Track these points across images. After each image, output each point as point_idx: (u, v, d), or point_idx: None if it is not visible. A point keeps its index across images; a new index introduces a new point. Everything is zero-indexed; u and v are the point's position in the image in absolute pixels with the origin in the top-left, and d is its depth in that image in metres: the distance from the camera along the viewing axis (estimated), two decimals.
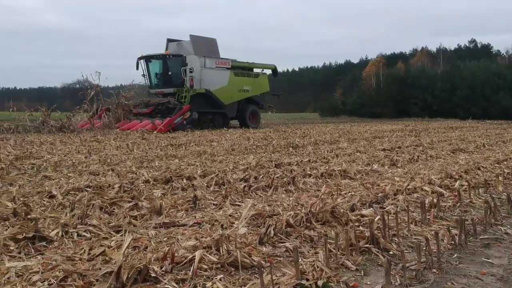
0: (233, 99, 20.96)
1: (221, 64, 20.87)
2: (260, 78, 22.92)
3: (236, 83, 21.16)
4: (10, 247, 2.95)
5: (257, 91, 22.61)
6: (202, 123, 19.09)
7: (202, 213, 4.00)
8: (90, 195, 4.39)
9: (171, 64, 19.41)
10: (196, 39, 20.26)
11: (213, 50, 20.93)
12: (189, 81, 18.73)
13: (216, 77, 20.15)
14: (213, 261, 2.65)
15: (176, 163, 7.02)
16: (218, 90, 20.02)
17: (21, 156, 7.89)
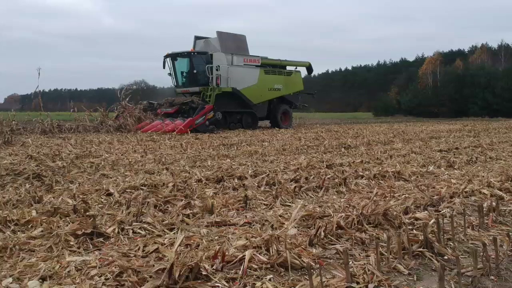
0: (263, 98, 20.10)
1: (250, 61, 19.92)
2: (293, 76, 21.84)
3: (266, 81, 20.23)
4: (71, 242, 3.10)
5: (290, 89, 21.51)
6: (229, 123, 18.42)
7: (253, 213, 4.03)
8: (145, 193, 4.53)
9: (196, 62, 18.64)
10: (223, 35, 19.39)
11: (242, 47, 19.96)
12: (215, 80, 18.05)
13: (245, 75, 19.29)
14: (263, 261, 2.67)
15: (228, 162, 7.11)
16: (247, 89, 19.20)
17: (81, 155, 8.24)
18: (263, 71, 20.22)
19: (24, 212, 3.78)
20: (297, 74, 22.26)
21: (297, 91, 22.15)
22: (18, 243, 3.04)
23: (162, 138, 13.20)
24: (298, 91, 22.25)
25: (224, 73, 18.41)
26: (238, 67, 19.16)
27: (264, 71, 20.28)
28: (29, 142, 11.13)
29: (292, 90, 21.70)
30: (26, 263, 2.71)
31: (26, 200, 4.32)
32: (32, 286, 2.35)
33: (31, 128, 15.68)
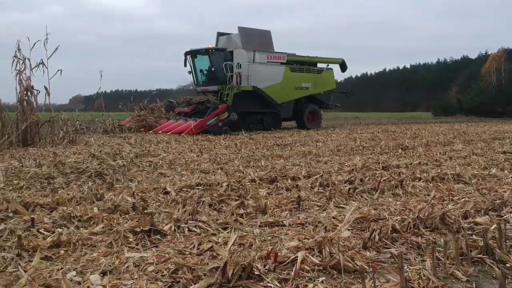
0: (288, 98, 18.85)
1: (274, 58, 18.61)
2: (323, 74, 20.33)
3: (292, 79, 18.90)
4: (129, 239, 3.22)
5: (320, 88, 20.07)
6: (248, 124, 17.48)
7: (306, 214, 4.02)
8: (201, 193, 4.64)
9: (215, 60, 17.64)
10: (246, 31, 18.29)
11: (266, 43, 18.75)
12: (236, 78, 17.07)
13: (267, 73, 18.06)
14: (315, 262, 2.66)
15: (282, 163, 7.13)
16: (270, 88, 18.02)
17: (140, 154, 8.53)
18: (288, 68, 18.96)
19: (87, 209, 3.97)
20: (328, 72, 20.79)
21: (328, 90, 20.75)
22: (81, 238, 3.20)
23: (217, 138, 13.41)
24: (329, 90, 20.83)
25: (245, 71, 17.35)
26: (260, 64, 18.01)
27: (290, 68, 19.03)
28: (91, 142, 11.65)
29: (323, 89, 20.35)
30: (88, 257, 2.84)
31: (89, 197, 4.54)
32: (93, 280, 2.47)
33: (94, 127, 16.37)
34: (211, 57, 17.68)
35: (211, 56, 17.69)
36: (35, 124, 11.57)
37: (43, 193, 4.76)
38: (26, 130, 11.28)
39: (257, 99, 17.81)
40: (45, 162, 7.13)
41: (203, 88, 18.33)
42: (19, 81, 11.83)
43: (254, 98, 17.66)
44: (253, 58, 17.91)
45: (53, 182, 5.46)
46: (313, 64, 20.38)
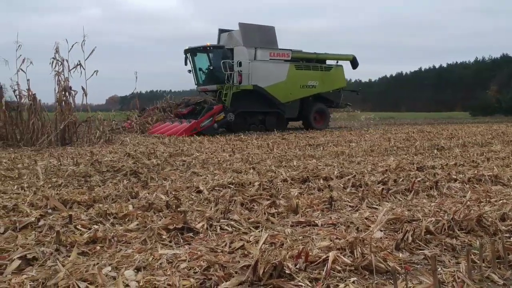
0: (293, 97, 17.92)
1: (278, 55, 17.73)
2: (332, 72, 19.24)
3: (297, 77, 17.97)
4: (163, 236, 3.28)
5: (328, 86, 19.02)
6: (249, 124, 16.72)
7: (338, 214, 4.00)
8: (233, 192, 4.68)
9: (213, 58, 17.02)
10: (247, 27, 17.45)
11: (269, 40, 17.79)
12: (236, 77, 16.39)
13: (270, 71, 17.21)
14: (346, 263, 2.65)
15: (314, 163, 7.10)
16: (273, 86, 17.16)
17: (174, 153, 8.66)
18: (293, 66, 18.02)
19: (122, 207, 4.06)
20: (338, 69, 19.63)
21: (337, 88, 19.64)
22: (117, 235, 3.28)
23: (250, 137, 13.46)
24: (339, 88, 19.74)
25: (246, 69, 16.62)
26: (262, 62, 17.16)
27: (295, 66, 18.09)
28: (127, 141, 11.90)
29: (332, 87, 19.27)
30: (123, 254, 2.92)
31: (124, 195, 4.64)
32: (128, 276, 2.53)
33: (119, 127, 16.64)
34: (210, 55, 17.12)
35: (209, 54, 17.11)
36: (73, 124, 11.91)
37: (80, 191, 4.90)
38: (64, 129, 11.62)
39: (259, 99, 17.06)
40: (82, 160, 7.33)
41: (202, 87, 17.77)
42: (57, 82, 12.22)
43: (255, 97, 16.93)
44: (254, 55, 17.16)
45: (90, 180, 5.61)
46: (321, 61, 19.42)
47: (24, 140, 10.99)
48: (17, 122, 11.33)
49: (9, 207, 4.06)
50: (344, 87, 20.35)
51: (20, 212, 3.93)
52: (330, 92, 19.38)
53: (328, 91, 19.25)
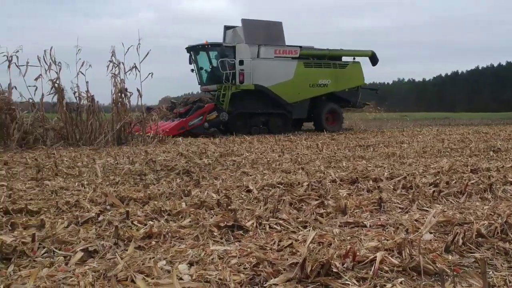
0: (301, 97, 16.92)
1: (284, 53, 16.76)
2: (348, 69, 18.06)
3: (306, 76, 16.93)
4: (214, 233, 3.41)
5: (343, 85, 17.86)
6: (251, 127, 15.91)
7: (387, 215, 3.99)
8: (281, 191, 4.75)
9: (212, 56, 16.40)
10: (250, 23, 16.52)
11: (274, 36, 16.85)
12: (238, 76, 15.73)
13: (275, 70, 16.34)
14: (394, 263, 2.67)
15: (363, 164, 7.06)
16: (278, 86, 16.27)
17: (224, 153, 8.85)
18: (302, 63, 17.06)
19: (176, 204, 4.23)
20: (355, 66, 18.41)
21: (354, 87, 18.45)
22: (170, 231, 3.44)
23: (299, 138, 13.50)
24: (355, 87, 18.51)
25: (248, 68, 15.86)
26: (265, 60, 16.29)
27: (303, 63, 17.12)
28: (179, 141, 12.24)
29: (347, 86, 18.11)
30: (176, 249, 3.06)
31: (177, 193, 4.82)
32: (181, 269, 2.66)
33: None
34: (209, 53, 16.50)
35: (208, 52, 16.49)
36: (128, 124, 12.37)
37: (136, 188, 5.13)
38: (120, 129, 12.09)
39: (261, 99, 16.24)
40: (138, 159, 7.64)
41: (204, 87, 17.16)
42: (114, 83, 12.74)
43: (258, 97, 16.13)
44: (257, 53, 16.34)
45: (145, 179, 5.85)
46: (335, 58, 18.22)
47: (83, 140, 11.54)
48: (76, 122, 11.90)
49: (71, 203, 4.32)
50: (363, 85, 19.07)
51: (81, 208, 4.17)
52: (345, 91, 18.26)
53: (343, 89, 18.12)
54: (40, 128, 11.61)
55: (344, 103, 18.70)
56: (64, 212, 4.05)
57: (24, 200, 4.53)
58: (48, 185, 5.36)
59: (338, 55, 18.41)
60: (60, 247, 3.10)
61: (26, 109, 11.97)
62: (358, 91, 18.71)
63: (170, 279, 2.45)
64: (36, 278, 2.51)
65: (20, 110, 11.64)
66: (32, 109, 11.86)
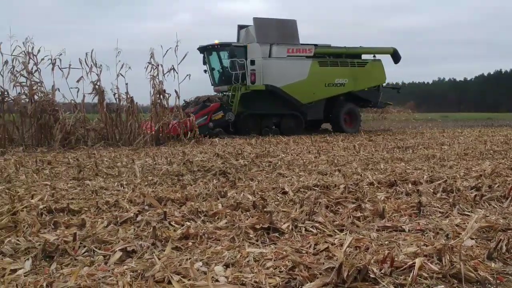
0: (316, 97, 16.29)
1: (297, 51, 16.16)
2: (368, 67, 17.28)
3: (321, 75, 16.26)
4: (250, 235, 3.41)
5: (363, 84, 17.08)
6: (262, 128, 15.48)
7: (426, 220, 3.89)
8: (318, 194, 4.72)
9: (223, 56, 16.09)
10: (261, 22, 16.08)
11: (288, 35, 16.29)
12: (249, 76, 15.32)
13: (287, 69, 15.79)
14: (434, 270, 2.60)
15: (402, 166, 6.92)
16: (291, 86, 15.75)
17: (260, 154, 8.86)
18: (316, 62, 16.40)
19: (212, 205, 4.27)
20: (375, 64, 17.57)
21: (374, 86, 17.58)
22: (207, 232, 3.47)
23: (335, 139, 13.37)
24: (376, 86, 17.67)
25: (259, 68, 15.43)
26: (277, 59, 15.79)
27: (318, 62, 16.45)
28: (216, 142, 12.34)
29: (367, 85, 17.28)
30: (213, 250, 3.08)
31: (214, 194, 4.86)
32: (217, 271, 2.68)
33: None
34: (219, 53, 16.22)
35: (219, 52, 16.20)
36: (166, 125, 12.56)
37: (174, 189, 5.20)
38: (158, 130, 12.30)
39: (273, 100, 15.80)
40: (175, 160, 7.75)
41: (216, 88, 16.77)
42: (152, 85, 12.97)
43: (269, 98, 15.70)
44: (269, 52, 15.90)
45: (182, 179, 5.93)
46: (353, 56, 17.47)
47: (122, 140, 11.81)
48: (116, 123, 12.19)
49: (111, 203, 4.42)
50: (384, 84, 18.23)
51: (120, 208, 4.27)
52: (365, 91, 17.45)
53: (363, 89, 17.34)
54: (82, 128, 11.96)
55: (364, 103, 18.07)
56: (103, 212, 4.15)
57: (66, 199, 4.67)
58: (88, 185, 5.51)
59: (357, 53, 17.68)
60: (100, 246, 3.18)
61: (68, 110, 12.34)
62: (379, 91, 17.97)
63: (206, 281, 2.47)
64: (77, 276, 2.58)
65: (63, 111, 12.00)
66: (74, 110, 12.22)
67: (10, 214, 3.89)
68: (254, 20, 16.05)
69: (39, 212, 4.05)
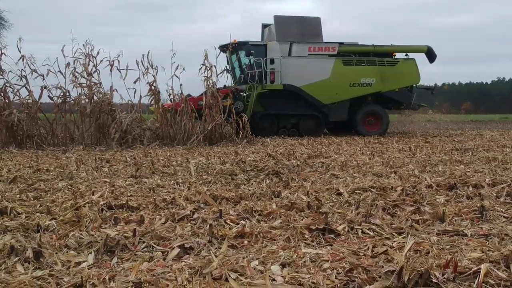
0: (340, 97, 15.53)
1: (319, 50, 15.52)
2: (399, 67, 16.20)
3: (345, 74, 15.53)
4: (305, 235, 3.39)
5: (392, 84, 15.99)
6: (279, 128, 15.04)
7: (490, 225, 3.72)
8: (374, 196, 4.62)
9: (242, 55, 15.70)
10: (282, 20, 15.60)
11: (310, 33, 15.64)
12: (268, 75, 14.92)
13: (308, 68, 15.20)
14: (501, 277, 2.48)
15: (462, 169, 6.66)
16: (312, 86, 15.16)
17: (312, 155, 8.79)
18: (340, 61, 15.67)
19: (266, 205, 4.27)
20: (407, 63, 16.45)
21: (406, 86, 16.48)
22: (262, 231, 3.47)
23: (390, 140, 13.08)
24: (408, 86, 16.54)
25: (277, 67, 15.03)
26: (297, 58, 15.30)
27: (342, 61, 15.72)
28: (267, 142, 12.37)
29: (398, 85, 16.18)
30: (268, 249, 3.08)
31: (267, 194, 4.86)
32: (274, 271, 2.67)
33: None
34: (238, 52, 15.79)
35: (237, 51, 15.78)
36: (219, 125, 12.71)
37: (228, 188, 5.25)
38: (211, 130, 12.47)
39: (292, 100, 15.16)
40: (228, 160, 7.82)
41: (235, 86, 15.97)
42: (206, 86, 13.15)
43: (288, 98, 15.13)
44: (289, 51, 15.40)
45: (235, 178, 5.97)
46: (382, 54, 16.41)
47: (177, 140, 12.04)
48: (171, 123, 12.45)
49: (168, 200, 4.52)
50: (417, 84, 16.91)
51: (177, 205, 4.35)
52: (395, 91, 16.33)
53: (393, 89, 16.26)
54: (138, 128, 12.30)
55: (394, 104, 17.03)
56: (161, 209, 4.25)
57: (125, 196, 4.81)
58: (146, 183, 5.66)
59: (386, 51, 16.62)
60: (158, 242, 3.25)
61: (125, 110, 12.73)
62: (411, 91, 16.78)
63: (263, 280, 2.47)
64: (137, 271, 2.65)
65: (120, 111, 12.40)
66: (131, 110, 12.59)
67: (74, 209, 4.05)
68: (274, 18, 15.66)
69: (100, 208, 4.20)
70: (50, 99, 12.37)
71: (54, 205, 4.31)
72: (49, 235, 3.44)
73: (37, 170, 6.86)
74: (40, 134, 11.75)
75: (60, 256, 2.96)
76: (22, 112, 11.82)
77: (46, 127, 12.06)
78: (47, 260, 2.89)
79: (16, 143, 11.23)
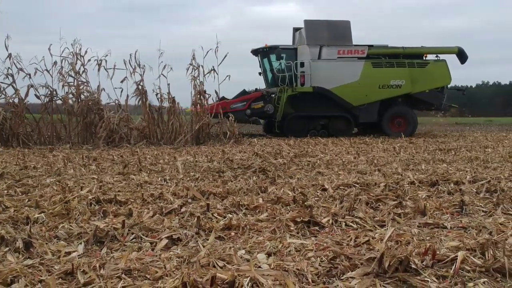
0: (369, 99, 15.76)
1: (348, 53, 15.81)
2: (430, 68, 16.26)
3: (375, 76, 15.73)
4: (291, 227, 3.48)
5: (422, 85, 16.09)
6: (309, 130, 15.33)
7: (469, 218, 3.85)
8: (357, 191, 4.74)
9: (273, 59, 16.08)
10: (311, 24, 15.88)
11: (340, 36, 15.93)
12: (298, 78, 15.36)
13: (338, 71, 15.49)
14: (476, 263, 2.60)
15: (444, 167, 6.82)
16: (341, 88, 15.43)
17: (299, 154, 8.90)
18: (369, 64, 15.87)
19: (253, 199, 4.36)
20: (438, 65, 16.47)
21: (437, 87, 16.47)
22: (248, 223, 3.56)
23: (375, 141, 13.25)
24: (439, 87, 16.53)
25: (307, 70, 15.38)
26: (326, 61, 15.58)
27: (372, 63, 15.91)
28: (254, 142, 12.46)
29: (428, 86, 16.24)
30: (255, 240, 3.17)
31: (254, 189, 4.96)
32: (260, 259, 2.76)
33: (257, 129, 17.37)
34: (269, 56, 16.21)
35: (268, 55, 16.21)
36: (206, 125, 12.77)
37: (215, 184, 5.33)
38: (199, 130, 12.52)
39: (322, 102, 15.48)
40: (216, 158, 7.90)
41: (267, 90, 16.37)
42: (193, 86, 13.21)
43: (318, 100, 15.43)
44: (318, 54, 15.67)
45: (223, 176, 6.05)
46: (412, 56, 16.49)
47: (164, 139, 12.08)
48: (158, 123, 12.48)
49: (155, 195, 4.58)
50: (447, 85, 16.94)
51: (165, 200, 4.42)
52: (425, 92, 16.40)
53: (423, 91, 16.34)
54: (125, 127, 12.30)
55: (425, 105, 17.15)
56: (149, 203, 4.31)
57: (113, 191, 4.86)
58: (133, 179, 5.71)
59: (415, 53, 16.70)
60: (146, 234, 3.32)
61: (112, 110, 12.72)
62: (442, 93, 16.80)
63: (250, 267, 2.56)
64: (127, 260, 2.72)
65: (107, 110, 12.39)
66: (118, 109, 12.58)
67: (63, 202, 4.10)
68: (304, 22, 15.97)
69: (89, 202, 4.25)
70: (37, 97, 12.32)
71: (42, 200, 4.34)
72: (38, 226, 3.49)
73: (24, 168, 6.86)
74: (26, 132, 11.70)
75: (50, 246, 3.02)
76: (8, 110, 11.75)
77: (33, 125, 12.01)
78: (37, 250, 2.94)
79: (1, 142, 11.17)
